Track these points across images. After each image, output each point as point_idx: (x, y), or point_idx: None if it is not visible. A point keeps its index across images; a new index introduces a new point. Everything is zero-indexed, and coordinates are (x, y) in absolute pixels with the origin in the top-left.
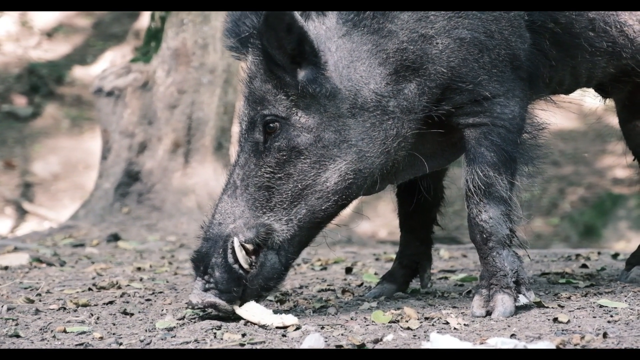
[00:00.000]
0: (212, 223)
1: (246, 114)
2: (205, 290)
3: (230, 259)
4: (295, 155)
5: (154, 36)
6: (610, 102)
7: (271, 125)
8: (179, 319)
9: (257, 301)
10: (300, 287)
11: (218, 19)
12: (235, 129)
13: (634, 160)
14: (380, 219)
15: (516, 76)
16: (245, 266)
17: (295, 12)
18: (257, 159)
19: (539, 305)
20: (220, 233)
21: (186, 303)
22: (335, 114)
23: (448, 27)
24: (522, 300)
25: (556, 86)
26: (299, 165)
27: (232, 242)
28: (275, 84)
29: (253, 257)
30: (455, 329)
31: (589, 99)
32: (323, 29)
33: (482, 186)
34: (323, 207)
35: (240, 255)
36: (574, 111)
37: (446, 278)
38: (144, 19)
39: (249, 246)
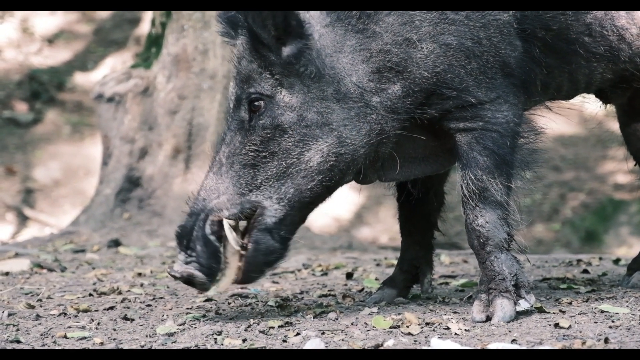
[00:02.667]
0: (196, 199)
1: (233, 93)
2: (187, 263)
3: (208, 231)
4: (279, 133)
5: (155, 42)
6: (610, 108)
7: (256, 103)
8: (180, 325)
9: (258, 276)
10: (301, 293)
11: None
12: None
13: (635, 165)
14: (381, 224)
15: (508, 82)
16: (236, 247)
17: None
18: (242, 137)
19: (540, 310)
20: (203, 208)
21: (167, 271)
22: (318, 96)
23: (434, 33)
24: (523, 304)
25: (554, 92)
26: (283, 143)
27: (218, 221)
28: (260, 63)
29: (246, 238)
30: (456, 334)
31: (589, 104)
32: (307, 15)
33: (476, 191)
34: (309, 187)
35: (231, 236)
36: (574, 117)
37: (447, 283)
38: (145, 25)
39: (232, 222)
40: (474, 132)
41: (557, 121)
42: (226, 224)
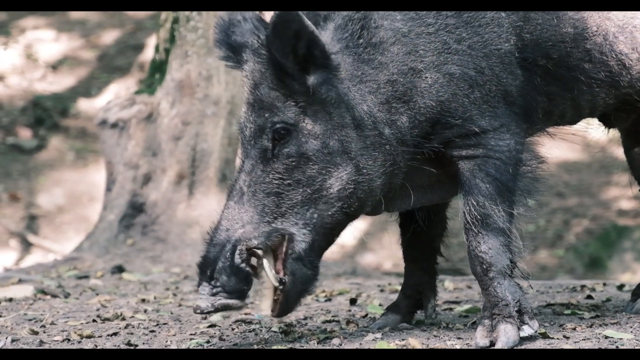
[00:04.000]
0: (218, 229)
1: (251, 120)
2: (214, 295)
3: (238, 260)
4: (304, 161)
5: (158, 68)
6: (614, 133)
7: (281, 132)
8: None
9: (295, 307)
10: (305, 318)
11: None
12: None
13: (639, 190)
14: (384, 250)
15: (510, 111)
16: (275, 283)
17: (304, 17)
18: (264, 166)
19: (544, 336)
20: (228, 238)
21: (193, 309)
22: (339, 124)
23: (437, 62)
24: (527, 330)
25: (558, 119)
26: (307, 171)
27: (247, 250)
28: (283, 92)
29: (280, 273)
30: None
31: (593, 130)
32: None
33: (479, 217)
34: (330, 213)
35: (271, 273)
36: (578, 143)
37: (451, 309)
38: (149, 51)
39: (260, 251)
40: (476, 160)
41: (560, 147)
42: (266, 262)
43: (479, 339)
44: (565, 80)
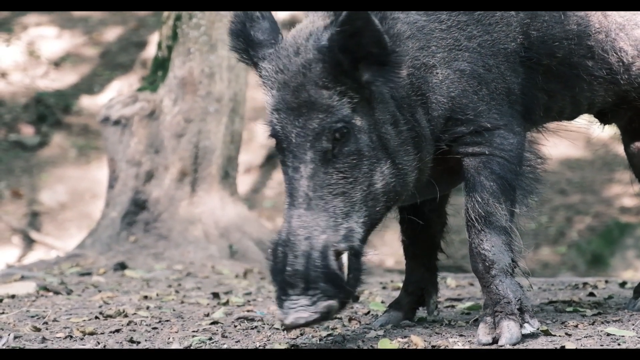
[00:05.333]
0: (297, 240)
1: (300, 124)
2: (314, 303)
3: (334, 266)
4: (359, 158)
5: (161, 65)
6: (616, 131)
7: (343, 131)
8: (186, 347)
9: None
10: None
11: (225, 48)
12: (246, 158)
13: None
14: (386, 247)
15: (513, 110)
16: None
17: (373, 16)
18: (326, 168)
19: (546, 333)
20: (311, 246)
21: (289, 325)
22: (380, 119)
23: (448, 59)
24: (528, 328)
25: (556, 115)
26: (363, 168)
27: (337, 254)
28: (339, 90)
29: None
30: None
31: (595, 127)
32: None
33: (482, 214)
34: (377, 209)
35: (344, 268)
36: (580, 140)
37: (453, 306)
38: (151, 48)
39: (346, 253)
40: (481, 157)
41: (563, 144)
42: (345, 262)
43: (482, 336)
44: (566, 78)
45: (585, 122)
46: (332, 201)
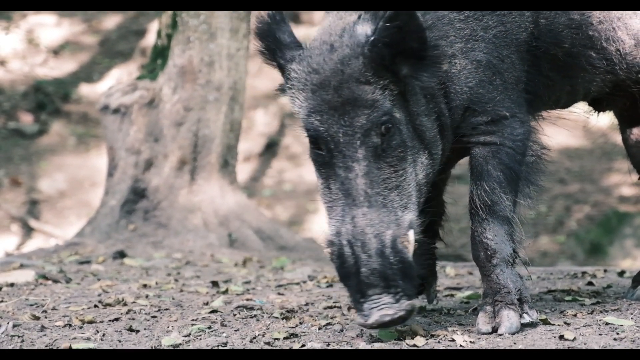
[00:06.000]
0: (367, 239)
1: (345, 123)
2: (397, 301)
3: (408, 260)
4: (404, 149)
5: (161, 53)
6: (615, 120)
7: (389, 125)
8: (185, 336)
9: None
10: (306, 304)
11: (224, 37)
12: (245, 146)
13: (639, 179)
14: None
15: (522, 99)
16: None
17: (418, 15)
18: (378, 163)
19: (545, 322)
20: (383, 244)
21: (374, 322)
22: (415, 112)
23: (465, 49)
24: (527, 319)
25: (552, 104)
26: (408, 159)
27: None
28: (381, 84)
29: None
30: (461, 346)
31: (592, 116)
32: None
33: (488, 203)
34: (421, 200)
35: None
36: (579, 129)
37: (452, 295)
38: (151, 36)
39: (415, 245)
40: (491, 147)
41: (562, 134)
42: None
43: (481, 325)
44: (569, 68)
45: (583, 111)
46: (389, 196)
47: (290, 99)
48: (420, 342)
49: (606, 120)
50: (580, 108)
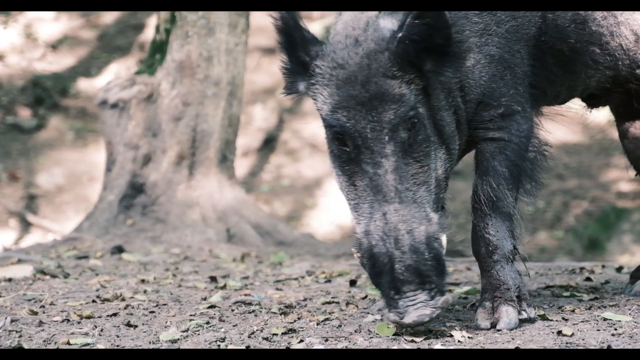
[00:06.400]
0: (400, 235)
1: (373, 118)
2: (432, 298)
3: (441, 256)
4: (429, 144)
5: (159, 48)
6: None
7: (415, 120)
8: (183, 331)
9: None
10: (304, 300)
11: (222, 31)
12: (243, 141)
13: (636, 175)
14: None
15: (527, 94)
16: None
17: (446, 14)
18: (405, 159)
19: (543, 318)
20: (417, 239)
21: (412, 322)
22: (436, 106)
23: (479, 44)
24: (525, 315)
25: (552, 99)
26: (431, 154)
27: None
28: (407, 79)
29: None
30: (459, 341)
31: (588, 112)
32: None
33: (493, 199)
34: (441, 195)
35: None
36: (578, 125)
37: (450, 291)
38: (149, 31)
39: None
40: (499, 142)
41: (560, 129)
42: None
43: (480, 320)
44: (572, 63)
45: (580, 107)
46: (418, 191)
47: (313, 96)
48: (418, 337)
49: (604, 116)
50: (578, 104)
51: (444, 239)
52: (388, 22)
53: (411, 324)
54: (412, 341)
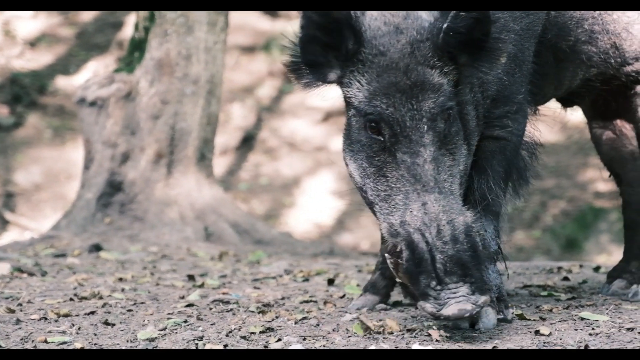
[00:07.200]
0: (441, 225)
1: (413, 107)
2: (473, 292)
3: (480, 250)
4: (459, 137)
5: (138, 46)
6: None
7: (450, 112)
8: (161, 330)
9: None
10: (282, 299)
11: (201, 30)
12: (222, 140)
13: (609, 176)
14: (362, 230)
15: (529, 92)
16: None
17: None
18: (442, 149)
19: (521, 317)
20: (457, 230)
21: (451, 315)
22: (464, 100)
23: None
24: (502, 316)
25: (540, 99)
26: (460, 147)
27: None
28: (445, 70)
29: None
30: (437, 341)
31: (571, 113)
32: None
33: (487, 197)
34: (462, 191)
35: None
36: (556, 124)
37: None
38: (128, 29)
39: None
40: (500, 142)
41: (538, 129)
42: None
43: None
44: (568, 61)
45: (557, 106)
46: (453, 183)
47: (346, 83)
48: (396, 337)
49: (582, 116)
50: (554, 103)
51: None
52: (423, 12)
53: (450, 316)
54: (390, 340)
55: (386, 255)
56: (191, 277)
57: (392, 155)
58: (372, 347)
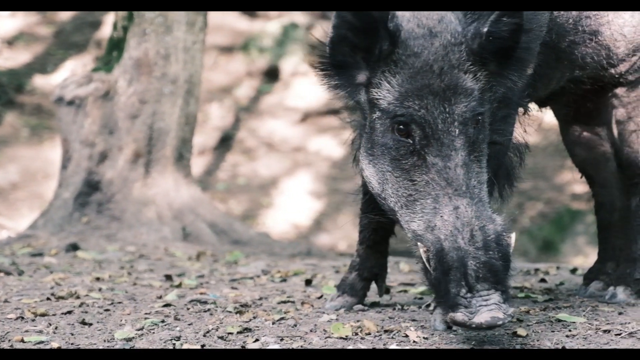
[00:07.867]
0: (474, 231)
1: (445, 110)
2: (505, 301)
3: (511, 257)
4: (484, 144)
5: (116, 46)
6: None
7: (479, 117)
8: (138, 330)
9: None
10: (260, 299)
11: (180, 30)
12: (200, 140)
13: (581, 177)
14: (339, 231)
15: (526, 94)
16: None
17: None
18: (470, 155)
19: None
20: (489, 236)
21: (483, 323)
22: (487, 108)
23: None
24: None
25: (531, 99)
26: (486, 154)
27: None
28: (478, 75)
29: None
30: (414, 342)
31: (548, 114)
32: None
33: None
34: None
35: None
36: (533, 126)
37: (406, 291)
38: (106, 28)
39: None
40: (495, 147)
41: (515, 130)
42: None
43: (438, 322)
44: (562, 61)
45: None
46: (482, 190)
47: (376, 84)
48: (373, 337)
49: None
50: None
51: (511, 240)
52: (453, 16)
53: (482, 324)
54: (367, 341)
55: (422, 256)
56: (169, 277)
57: (422, 158)
58: (350, 347)
